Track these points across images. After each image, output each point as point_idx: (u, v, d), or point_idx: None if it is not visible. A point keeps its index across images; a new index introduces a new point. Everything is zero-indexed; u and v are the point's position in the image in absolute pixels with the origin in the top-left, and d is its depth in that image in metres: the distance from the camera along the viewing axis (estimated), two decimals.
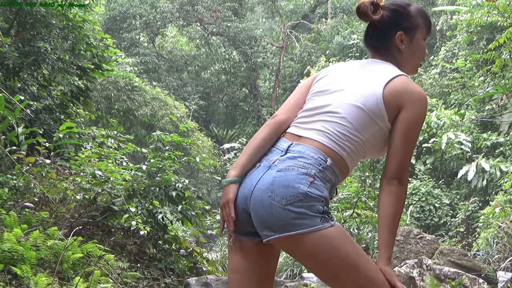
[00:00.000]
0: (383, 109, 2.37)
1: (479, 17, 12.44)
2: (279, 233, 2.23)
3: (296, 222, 2.20)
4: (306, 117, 2.48)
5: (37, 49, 8.80)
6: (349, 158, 2.39)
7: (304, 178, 2.24)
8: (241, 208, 2.37)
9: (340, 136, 2.36)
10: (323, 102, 2.47)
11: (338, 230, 2.27)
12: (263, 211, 2.25)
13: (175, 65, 31.86)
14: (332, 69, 2.62)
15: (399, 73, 2.46)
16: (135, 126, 21.79)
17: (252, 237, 2.41)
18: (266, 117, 30.84)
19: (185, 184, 7.97)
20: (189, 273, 7.89)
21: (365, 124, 2.38)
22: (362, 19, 2.60)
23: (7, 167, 7.14)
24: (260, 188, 2.29)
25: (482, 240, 12.19)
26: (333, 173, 2.34)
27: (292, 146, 2.38)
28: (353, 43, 28.09)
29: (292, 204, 2.20)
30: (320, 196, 2.24)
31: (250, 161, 2.45)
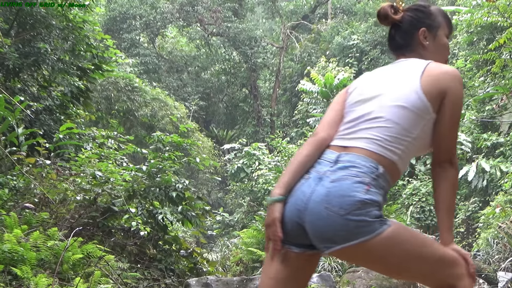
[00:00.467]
0: (426, 102, 2.36)
1: (479, 18, 12.45)
2: (341, 244, 2.23)
3: (356, 230, 2.20)
4: (349, 128, 2.47)
5: (37, 49, 8.81)
6: (400, 160, 2.38)
7: (359, 186, 2.23)
8: (294, 222, 2.34)
9: (389, 139, 2.35)
10: (363, 110, 2.45)
11: (397, 227, 2.28)
12: (321, 223, 2.24)
13: (175, 66, 31.87)
14: (362, 79, 2.63)
15: (428, 62, 2.48)
16: (135, 127, 21.79)
17: (304, 249, 2.41)
18: (266, 117, 30.86)
19: (185, 185, 7.97)
20: (189, 273, 7.88)
21: (413, 122, 2.36)
22: (383, 22, 2.65)
23: (7, 167, 7.15)
24: (315, 200, 2.27)
25: (482, 241, 12.20)
26: (385, 180, 2.33)
27: (341, 156, 2.36)
28: (353, 43, 28.09)
29: (351, 213, 2.19)
30: (375, 202, 2.24)
31: (294, 178, 2.42)
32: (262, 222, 13.19)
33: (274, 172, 14.21)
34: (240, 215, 20.14)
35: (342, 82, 21.34)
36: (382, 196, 2.30)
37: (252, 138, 28.66)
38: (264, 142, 25.61)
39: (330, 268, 10.14)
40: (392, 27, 2.66)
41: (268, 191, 16.09)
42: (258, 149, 21.80)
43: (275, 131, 28.72)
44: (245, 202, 20.31)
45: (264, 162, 20.28)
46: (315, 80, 21.79)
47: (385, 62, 26.57)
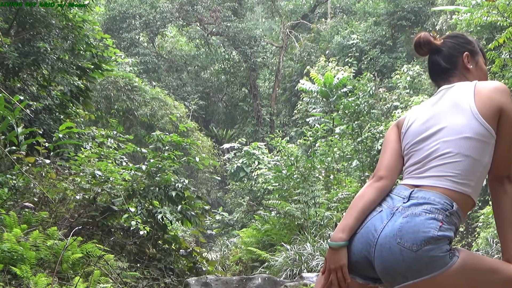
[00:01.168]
0: (488, 126, 2.35)
1: (478, 17, 12.42)
2: (413, 279, 2.24)
3: (429, 266, 2.21)
4: (417, 168, 2.45)
5: (37, 49, 8.80)
6: (474, 191, 2.37)
7: (433, 222, 2.23)
8: (363, 255, 2.36)
9: (462, 173, 2.33)
10: (427, 149, 2.43)
11: (465, 257, 2.29)
12: (392, 258, 2.25)
13: (174, 65, 31.86)
14: (415, 113, 2.60)
15: (473, 83, 2.47)
16: (134, 126, 21.80)
17: (368, 282, 2.43)
18: (265, 117, 30.86)
19: (184, 184, 7.97)
20: (189, 273, 7.89)
21: (481, 151, 2.35)
22: (422, 49, 2.66)
23: (6, 167, 7.15)
24: (387, 235, 2.28)
25: (481, 240, 12.19)
26: (458, 217, 2.33)
27: (415, 192, 2.35)
28: (353, 43, 28.08)
29: (423, 249, 2.20)
30: (448, 237, 2.25)
31: (357, 223, 2.42)
32: (261, 222, 13.21)
33: (273, 171, 14.19)
34: (239, 215, 20.15)
35: (341, 82, 21.33)
36: (453, 232, 2.30)
37: (252, 138, 28.66)
38: (264, 141, 25.61)
39: None
40: (433, 54, 2.66)
41: (268, 190, 16.07)
42: (257, 148, 21.81)
43: (275, 131, 28.72)
44: (244, 201, 20.32)
45: (263, 161, 20.28)
46: (315, 80, 21.78)
47: (385, 62, 26.62)
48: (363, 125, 14.23)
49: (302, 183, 12.22)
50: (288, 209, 11.79)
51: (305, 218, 11.54)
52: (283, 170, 13.09)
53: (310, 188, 12.06)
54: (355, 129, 14.12)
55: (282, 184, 13.28)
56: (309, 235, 10.65)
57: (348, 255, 2.40)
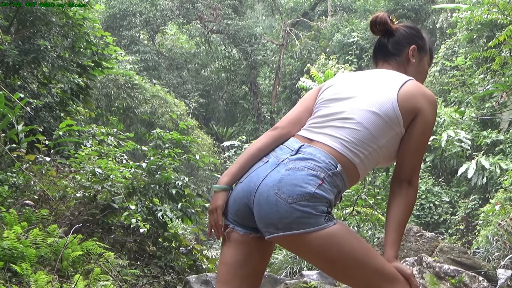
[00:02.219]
0: (399, 114, 2.37)
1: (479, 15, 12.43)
2: (283, 231, 2.24)
3: (301, 220, 2.21)
4: (318, 122, 2.47)
5: (37, 47, 8.80)
6: (362, 165, 2.38)
7: (313, 179, 2.24)
8: (243, 203, 2.38)
9: (355, 142, 2.35)
10: (336, 109, 2.45)
11: (342, 227, 2.28)
12: (268, 207, 2.26)
13: (175, 63, 31.85)
14: (339, 79, 2.63)
15: (410, 78, 2.49)
16: (135, 124, 21.79)
17: (249, 232, 2.43)
18: (266, 115, 30.86)
19: (185, 182, 7.97)
20: (189, 270, 7.89)
21: (382, 130, 2.37)
22: (377, 28, 2.67)
23: (7, 165, 7.15)
24: (267, 184, 2.29)
25: (482, 238, 12.19)
26: (342, 179, 2.33)
27: (304, 147, 2.37)
28: (353, 40, 28.06)
29: (298, 203, 2.20)
30: (326, 198, 2.25)
31: (241, 170, 2.47)
32: None
33: None
34: None
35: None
36: (334, 194, 2.30)
37: (252, 135, 28.65)
38: None
39: None
40: (384, 35, 2.68)
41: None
42: None
43: None
44: None
45: None
46: (315, 78, 21.76)
47: None
48: None
49: None
50: None
51: None
52: None
53: None
54: None
55: None
56: None
57: (231, 203, 2.43)
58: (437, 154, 17.93)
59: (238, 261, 2.45)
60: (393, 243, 2.38)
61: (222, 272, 2.49)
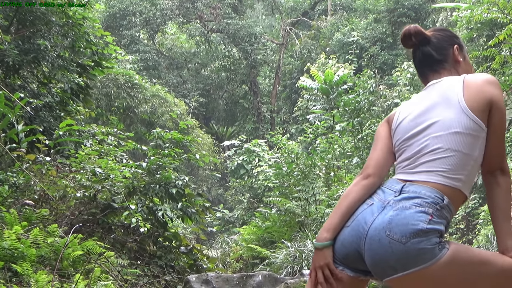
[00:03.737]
0: (477, 120, 2.35)
1: (479, 14, 12.42)
2: (402, 271, 2.24)
3: (418, 258, 2.21)
4: (408, 164, 2.45)
5: (37, 46, 8.80)
6: (465, 185, 2.37)
7: (422, 215, 2.23)
8: (353, 248, 2.36)
9: (452, 168, 2.33)
10: (419, 145, 2.43)
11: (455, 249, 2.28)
12: (382, 250, 2.25)
13: (175, 62, 31.85)
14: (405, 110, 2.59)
15: (461, 78, 2.46)
16: (135, 124, 21.80)
17: (358, 274, 2.43)
18: (266, 114, 30.85)
19: (185, 181, 7.98)
20: (189, 270, 7.89)
21: (471, 145, 2.35)
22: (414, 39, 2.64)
23: (7, 164, 7.16)
24: (377, 227, 2.28)
25: (482, 237, 12.19)
26: (449, 211, 2.33)
27: (406, 186, 2.36)
28: (353, 40, 28.03)
29: (412, 241, 2.20)
30: (437, 230, 2.24)
31: (342, 222, 2.44)
32: (262, 219, 13.21)
33: (274, 168, 14.20)
34: (240, 212, 20.15)
35: (342, 79, 21.30)
36: (444, 226, 2.30)
37: (252, 135, 28.64)
38: (264, 138, 25.58)
39: None
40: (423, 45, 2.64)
41: (268, 188, 16.07)
42: (258, 145, 21.80)
43: (275, 128, 28.69)
44: (245, 198, 20.31)
45: (264, 158, 20.27)
46: (315, 77, 21.75)
47: (385, 59, 26.56)
48: (363, 122, 14.21)
49: (302, 180, 12.22)
50: (288, 206, 11.79)
51: (305, 215, 11.54)
52: (283, 167, 13.10)
53: (310, 185, 12.07)
54: (356, 126, 14.11)
55: (282, 181, 13.29)
56: (309, 232, 10.65)
57: (339, 248, 2.41)
58: None
59: None
60: (506, 233, 2.40)
61: None
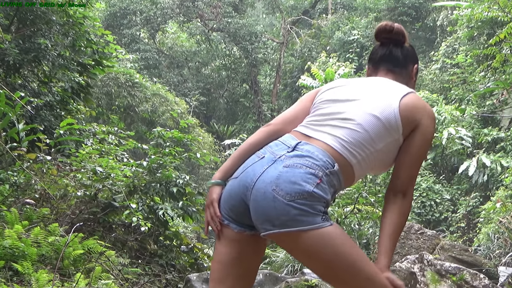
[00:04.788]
0: (399, 122, 2.38)
1: (479, 12, 12.43)
2: (279, 228, 2.23)
3: (297, 218, 2.19)
4: (317, 120, 2.46)
5: (38, 45, 8.80)
6: (358, 166, 2.37)
7: (311, 178, 2.23)
8: (240, 198, 2.36)
9: (354, 142, 2.34)
10: (336, 109, 2.45)
11: (338, 230, 2.27)
12: (265, 203, 2.24)
13: (175, 61, 31.83)
14: (340, 82, 2.63)
15: (411, 90, 2.51)
16: (135, 122, 21.79)
17: (243, 229, 2.42)
18: (266, 113, 30.85)
19: (186, 180, 7.97)
20: (190, 269, 7.89)
21: (381, 134, 2.37)
22: (394, 37, 2.69)
23: (8, 163, 7.15)
24: (264, 180, 2.27)
25: (483, 235, 12.20)
26: (338, 179, 2.32)
27: (301, 144, 2.36)
28: (354, 38, 28.05)
29: (296, 201, 2.19)
30: (323, 197, 2.24)
31: (235, 165, 2.48)
32: None
33: None
34: None
35: (342, 77, 21.31)
36: (331, 194, 2.30)
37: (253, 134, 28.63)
38: None
39: None
40: (396, 46, 2.70)
41: None
42: None
43: None
44: None
45: None
46: (316, 76, 21.75)
47: None
48: None
49: None
50: None
51: None
52: None
53: None
54: None
55: None
56: None
57: (227, 199, 2.42)
58: (438, 152, 17.93)
59: (232, 259, 2.44)
60: (386, 252, 2.37)
61: (215, 270, 2.49)
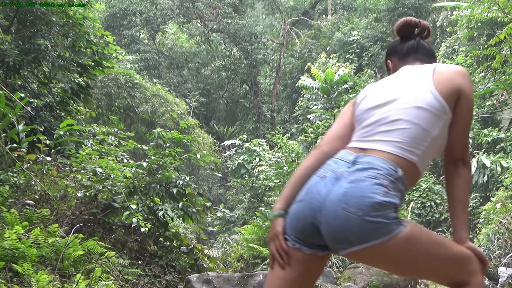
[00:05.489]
0: (443, 102, 2.36)
1: (479, 13, 12.42)
2: (358, 245, 2.22)
3: (374, 231, 2.19)
4: (366, 132, 2.44)
5: (38, 46, 8.80)
6: (420, 161, 2.36)
7: (378, 188, 2.21)
8: (309, 221, 2.32)
9: (409, 140, 2.33)
10: (380, 115, 2.43)
11: (412, 228, 2.28)
12: (338, 223, 2.22)
13: (175, 62, 31.85)
14: (372, 88, 2.62)
15: (434, 64, 2.52)
16: (135, 123, 21.80)
17: (315, 250, 2.39)
18: (266, 113, 30.85)
19: (185, 181, 7.97)
20: (190, 270, 7.89)
21: (432, 122, 2.35)
22: (416, 30, 2.74)
23: (7, 164, 7.15)
24: (332, 200, 2.25)
25: (483, 236, 12.20)
26: (403, 183, 2.31)
27: (360, 157, 2.34)
28: (354, 39, 28.05)
29: (369, 214, 2.18)
30: (393, 204, 2.23)
31: (294, 192, 2.43)
32: (263, 218, 13.20)
33: (274, 168, 14.22)
34: (240, 211, 20.16)
35: (342, 78, 21.31)
36: (399, 198, 2.28)
37: (253, 134, 28.65)
38: (265, 138, 25.60)
39: (331, 264, 10.15)
40: (422, 38, 2.75)
41: (269, 187, 16.09)
42: (258, 145, 21.81)
43: (276, 127, 28.73)
44: (245, 198, 20.32)
45: (264, 158, 20.29)
46: (316, 76, 21.76)
47: None
48: None
49: None
50: None
51: None
52: (284, 166, 13.11)
53: None
54: None
55: (283, 181, 13.29)
56: None
57: (294, 223, 2.37)
58: None
59: (297, 277, 2.42)
60: (463, 224, 2.42)
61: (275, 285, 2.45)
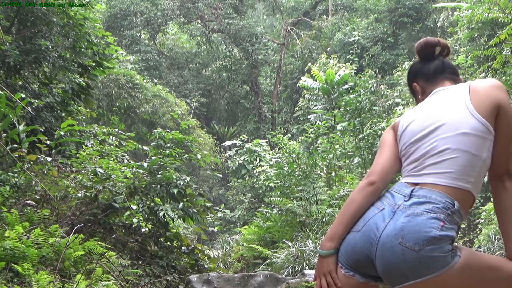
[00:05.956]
0: (486, 122, 2.34)
1: (480, 14, 12.41)
2: (414, 279, 2.23)
3: (430, 265, 2.20)
4: (416, 166, 2.42)
5: (38, 47, 8.81)
6: (474, 187, 2.36)
7: (435, 222, 2.22)
8: (364, 254, 2.34)
9: (461, 169, 2.32)
10: (426, 147, 2.40)
11: (466, 256, 2.28)
12: (394, 258, 2.24)
13: (176, 63, 31.87)
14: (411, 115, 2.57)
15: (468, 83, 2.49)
16: (136, 124, 21.81)
17: (369, 280, 2.42)
18: (267, 114, 30.86)
19: (186, 181, 7.97)
20: (191, 270, 7.89)
21: (479, 145, 2.33)
22: (437, 50, 2.72)
23: (8, 165, 7.16)
24: (389, 234, 2.27)
25: (483, 236, 12.18)
26: (459, 215, 2.31)
27: (416, 191, 2.33)
28: (354, 40, 28.04)
29: (425, 249, 2.19)
30: (450, 237, 2.23)
31: (346, 230, 2.43)
32: (263, 219, 13.20)
33: (275, 168, 14.20)
34: (241, 212, 20.16)
35: (343, 79, 21.31)
36: (455, 231, 2.29)
37: (253, 135, 28.66)
38: (265, 138, 25.58)
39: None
40: (444, 56, 2.75)
41: (270, 188, 16.06)
42: (259, 145, 21.81)
43: (276, 128, 28.72)
44: (246, 198, 20.32)
45: (265, 158, 20.29)
46: (316, 77, 21.76)
47: (386, 59, 26.56)
48: (364, 122, 14.23)
49: (303, 180, 12.22)
50: (290, 206, 11.78)
51: (306, 215, 11.53)
52: (284, 167, 13.09)
53: (311, 185, 12.06)
54: (357, 126, 14.12)
55: (283, 181, 13.28)
56: (311, 232, 10.64)
57: (350, 253, 2.39)
58: None
59: None
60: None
61: None
